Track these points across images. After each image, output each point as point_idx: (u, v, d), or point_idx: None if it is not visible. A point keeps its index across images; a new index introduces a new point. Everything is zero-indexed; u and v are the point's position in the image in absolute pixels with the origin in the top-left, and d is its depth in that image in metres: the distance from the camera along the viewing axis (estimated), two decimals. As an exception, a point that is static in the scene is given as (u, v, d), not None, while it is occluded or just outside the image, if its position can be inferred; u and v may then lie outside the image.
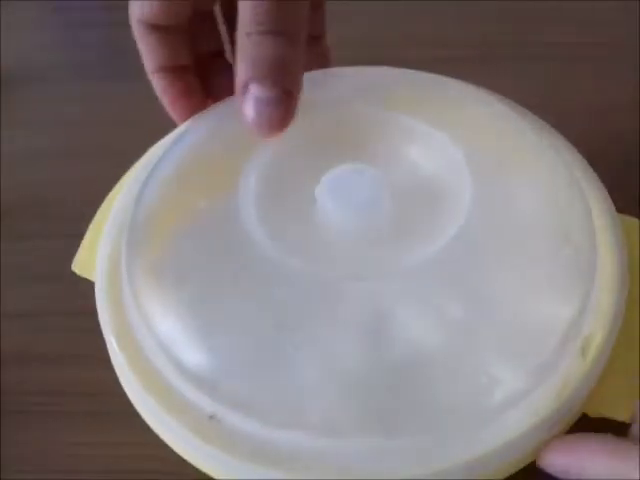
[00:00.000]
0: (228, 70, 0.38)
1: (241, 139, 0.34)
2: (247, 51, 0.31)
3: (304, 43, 0.31)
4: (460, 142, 0.33)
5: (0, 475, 0.35)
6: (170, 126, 0.38)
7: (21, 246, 0.43)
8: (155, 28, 0.36)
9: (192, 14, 0.36)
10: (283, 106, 0.31)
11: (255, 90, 0.31)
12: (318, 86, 0.31)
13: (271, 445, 0.28)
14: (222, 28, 0.39)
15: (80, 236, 0.36)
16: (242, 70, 0.31)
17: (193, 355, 0.29)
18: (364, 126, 0.35)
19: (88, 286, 0.34)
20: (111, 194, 0.37)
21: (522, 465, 0.30)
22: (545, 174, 0.33)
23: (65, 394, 0.38)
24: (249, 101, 0.31)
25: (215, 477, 0.30)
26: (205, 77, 0.38)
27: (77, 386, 0.38)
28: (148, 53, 0.37)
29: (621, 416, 0.30)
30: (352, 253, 0.32)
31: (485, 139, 0.34)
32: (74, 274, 0.36)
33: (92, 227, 0.36)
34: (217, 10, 0.39)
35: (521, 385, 0.28)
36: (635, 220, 0.35)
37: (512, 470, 0.30)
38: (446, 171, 0.33)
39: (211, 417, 0.29)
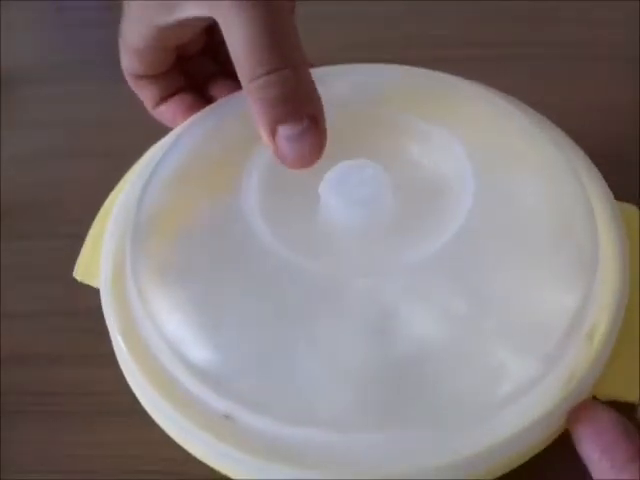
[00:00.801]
0: (227, 87, 0.38)
1: (241, 138, 0.34)
2: (259, 96, 0.30)
3: (306, 59, 0.31)
4: (462, 139, 0.34)
5: (0, 475, 0.35)
6: (170, 126, 0.38)
7: (21, 246, 0.43)
8: (143, 76, 0.37)
9: (177, 59, 0.37)
10: (315, 133, 0.31)
11: (284, 131, 0.30)
12: (320, 84, 0.31)
13: (283, 442, 0.28)
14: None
15: (80, 236, 0.36)
16: (262, 116, 0.31)
17: (205, 355, 0.30)
18: (366, 124, 0.35)
19: (88, 286, 0.35)
20: (108, 201, 0.36)
21: (536, 452, 0.30)
22: (547, 169, 0.33)
23: (65, 394, 0.38)
24: (282, 143, 0.31)
25: (231, 476, 0.30)
26: (207, 97, 0.39)
27: (77, 386, 0.38)
28: (143, 96, 0.38)
29: (631, 398, 0.31)
30: (357, 249, 0.32)
31: (487, 135, 0.34)
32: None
33: (91, 234, 0.36)
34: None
35: (530, 374, 0.29)
36: (635, 208, 0.35)
37: (527, 457, 0.30)
38: (448, 168, 0.33)
39: (226, 416, 0.29)
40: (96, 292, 0.34)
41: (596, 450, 0.28)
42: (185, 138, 0.35)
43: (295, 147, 0.31)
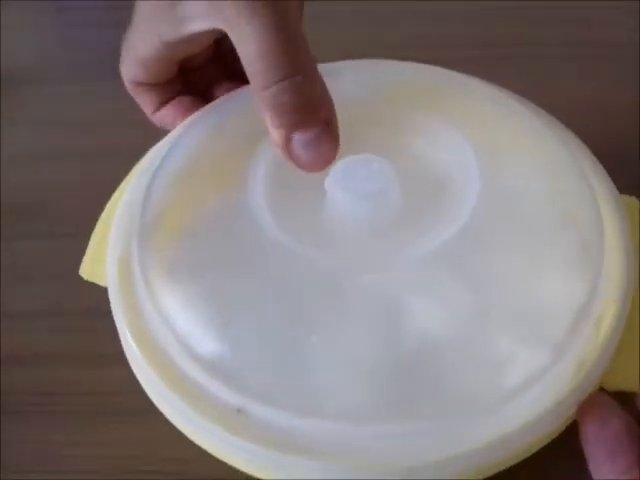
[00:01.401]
0: (230, 90, 0.38)
1: (244, 134, 0.34)
2: (273, 103, 0.31)
3: (315, 62, 0.32)
4: (469, 136, 0.34)
5: (0, 475, 0.35)
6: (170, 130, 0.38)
7: (21, 246, 0.43)
8: (143, 84, 0.37)
9: (181, 69, 0.37)
10: (329, 136, 0.31)
11: (299, 136, 0.31)
12: (329, 80, 0.32)
13: (294, 434, 0.28)
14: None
15: (80, 236, 0.36)
16: (276, 123, 0.31)
17: (215, 350, 0.30)
18: (374, 120, 0.35)
19: (88, 286, 0.35)
20: (112, 200, 0.36)
21: (547, 442, 0.30)
22: (552, 166, 0.34)
23: (64, 394, 0.38)
24: (298, 149, 0.31)
25: (242, 469, 0.30)
26: (208, 99, 0.39)
27: (77, 386, 0.38)
28: (142, 102, 0.38)
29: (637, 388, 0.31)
30: (363, 244, 0.32)
31: (495, 133, 0.34)
32: (74, 274, 0.35)
33: (95, 233, 0.36)
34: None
35: (539, 364, 0.29)
36: (636, 200, 0.35)
37: (538, 447, 0.30)
38: (455, 164, 0.34)
39: (238, 410, 0.29)
40: (96, 292, 0.34)
41: (601, 454, 0.28)
42: (188, 136, 0.35)
43: (310, 152, 0.31)
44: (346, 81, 0.36)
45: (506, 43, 0.52)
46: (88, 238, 0.36)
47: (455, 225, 0.31)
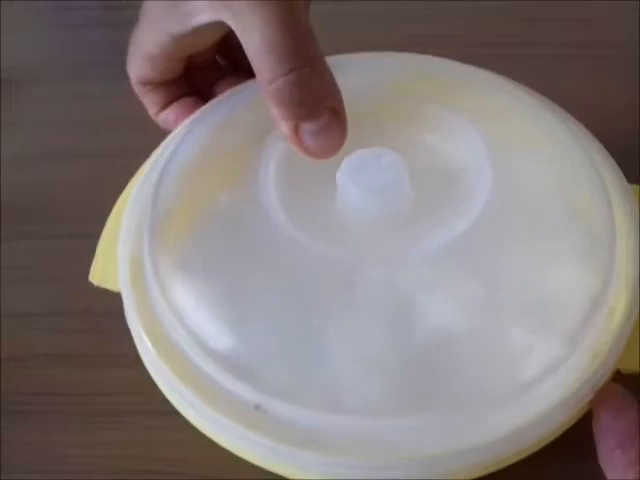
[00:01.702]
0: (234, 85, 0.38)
1: (251, 129, 0.34)
2: (279, 96, 0.31)
3: (321, 54, 0.32)
4: (481, 128, 0.34)
5: (0, 475, 0.35)
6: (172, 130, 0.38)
7: (21, 246, 0.43)
8: (150, 82, 0.37)
9: (186, 68, 0.37)
10: (337, 124, 0.32)
11: (308, 127, 0.31)
12: (338, 73, 0.32)
13: (312, 429, 0.28)
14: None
15: (80, 236, 0.36)
16: (284, 116, 0.31)
17: (231, 347, 0.30)
18: (384, 113, 0.35)
19: (88, 286, 0.34)
20: (119, 201, 0.36)
21: (562, 432, 0.30)
22: (563, 158, 0.34)
23: (65, 394, 0.38)
24: (308, 139, 0.32)
25: (261, 465, 0.30)
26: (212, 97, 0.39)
27: (77, 386, 0.38)
28: (148, 102, 0.38)
29: None
30: (375, 237, 0.32)
31: (505, 125, 0.35)
32: (74, 274, 0.36)
33: (103, 237, 0.35)
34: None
35: (555, 355, 0.29)
36: (636, 187, 0.36)
37: (553, 438, 0.30)
38: (466, 157, 0.34)
39: (256, 407, 0.29)
40: (96, 293, 0.34)
41: (611, 445, 0.28)
42: (195, 132, 0.35)
43: (319, 140, 0.32)
44: (356, 73, 0.36)
45: (506, 43, 0.52)
46: (88, 238, 0.36)
47: (467, 218, 0.31)
